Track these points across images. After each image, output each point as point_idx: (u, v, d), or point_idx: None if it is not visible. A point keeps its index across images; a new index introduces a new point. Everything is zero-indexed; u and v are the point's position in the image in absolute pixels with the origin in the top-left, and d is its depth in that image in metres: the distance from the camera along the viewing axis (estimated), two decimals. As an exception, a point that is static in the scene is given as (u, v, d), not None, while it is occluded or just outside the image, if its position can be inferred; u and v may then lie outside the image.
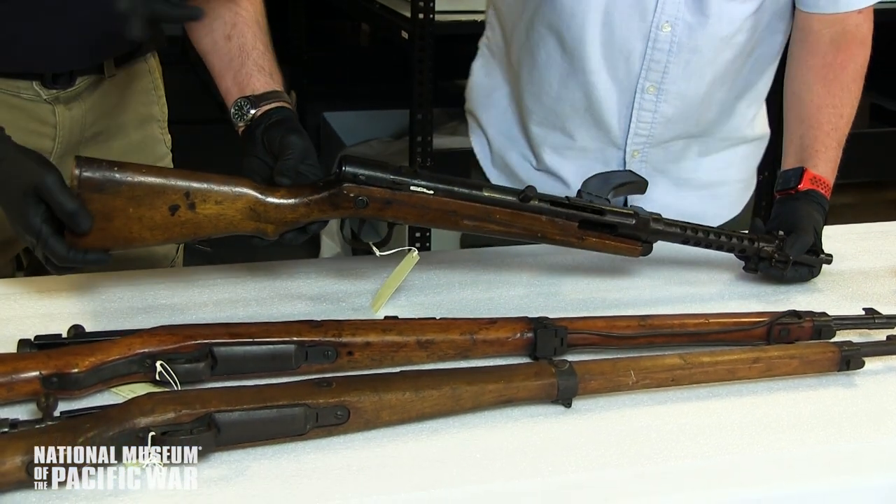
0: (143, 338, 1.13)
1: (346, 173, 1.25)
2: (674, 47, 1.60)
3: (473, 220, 1.31)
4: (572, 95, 1.68)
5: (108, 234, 1.19)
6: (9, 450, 0.93)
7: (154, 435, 0.97)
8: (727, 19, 1.58)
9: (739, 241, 1.44)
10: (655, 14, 1.57)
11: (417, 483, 1.01)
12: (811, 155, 1.56)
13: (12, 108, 1.44)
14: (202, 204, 1.21)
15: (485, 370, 1.15)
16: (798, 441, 1.12)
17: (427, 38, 3.23)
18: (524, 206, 1.32)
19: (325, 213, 1.26)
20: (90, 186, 1.16)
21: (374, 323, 1.21)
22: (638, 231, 1.38)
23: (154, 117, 1.67)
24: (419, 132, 3.34)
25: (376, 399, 1.06)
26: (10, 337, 1.19)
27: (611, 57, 1.62)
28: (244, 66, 1.38)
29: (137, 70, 1.61)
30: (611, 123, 1.67)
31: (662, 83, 1.62)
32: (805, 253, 1.47)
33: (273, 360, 1.15)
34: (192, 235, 1.23)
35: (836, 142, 1.58)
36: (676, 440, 1.11)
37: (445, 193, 1.29)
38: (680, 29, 1.58)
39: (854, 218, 1.92)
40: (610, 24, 1.59)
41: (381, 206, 1.27)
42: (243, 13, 1.42)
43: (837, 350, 1.23)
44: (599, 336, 1.25)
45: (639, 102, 1.64)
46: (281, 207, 1.24)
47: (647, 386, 1.17)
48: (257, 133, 1.32)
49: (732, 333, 1.29)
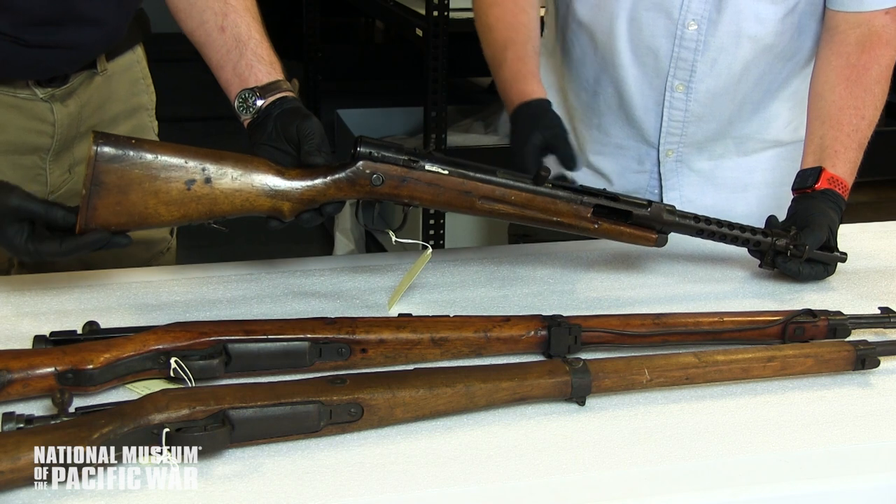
0: (158, 334, 1.13)
1: (361, 152, 1.25)
2: (700, 45, 1.60)
3: (489, 200, 1.30)
4: (605, 91, 1.70)
5: (123, 209, 1.18)
6: (24, 446, 0.93)
7: (168, 431, 0.98)
8: (755, 18, 1.59)
9: (753, 233, 1.43)
10: (681, 12, 1.58)
11: (431, 480, 1.01)
12: (830, 155, 1.55)
13: (11, 107, 1.45)
14: (219, 179, 1.21)
15: (499, 368, 1.15)
16: (813, 440, 1.12)
17: (441, 36, 3.23)
18: (539, 189, 1.32)
19: (342, 192, 1.26)
20: (108, 160, 1.17)
21: (387, 320, 1.21)
22: (652, 221, 1.37)
23: (143, 106, 1.68)
24: (433, 129, 3.35)
25: (390, 396, 1.06)
26: (25, 333, 1.20)
27: (639, 54, 1.63)
28: (243, 56, 1.38)
29: (126, 61, 1.62)
30: (643, 121, 1.68)
31: (691, 81, 1.63)
32: (819, 250, 1.46)
33: (287, 357, 1.15)
34: (208, 212, 1.22)
35: (857, 143, 1.57)
36: (690, 439, 1.10)
37: (460, 174, 1.29)
38: (706, 27, 1.59)
39: (870, 216, 1.92)
40: (637, 21, 1.60)
41: (396, 183, 1.27)
42: (233, 2, 1.42)
43: (853, 349, 1.23)
44: (613, 334, 1.25)
45: (669, 101, 1.65)
46: (297, 186, 1.24)
47: (661, 384, 1.17)
48: (268, 124, 1.32)
49: (747, 332, 1.29)
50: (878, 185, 4.20)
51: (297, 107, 1.33)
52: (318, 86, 4.87)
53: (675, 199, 1.74)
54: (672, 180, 1.75)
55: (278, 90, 1.35)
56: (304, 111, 1.32)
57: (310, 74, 4.86)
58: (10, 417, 0.97)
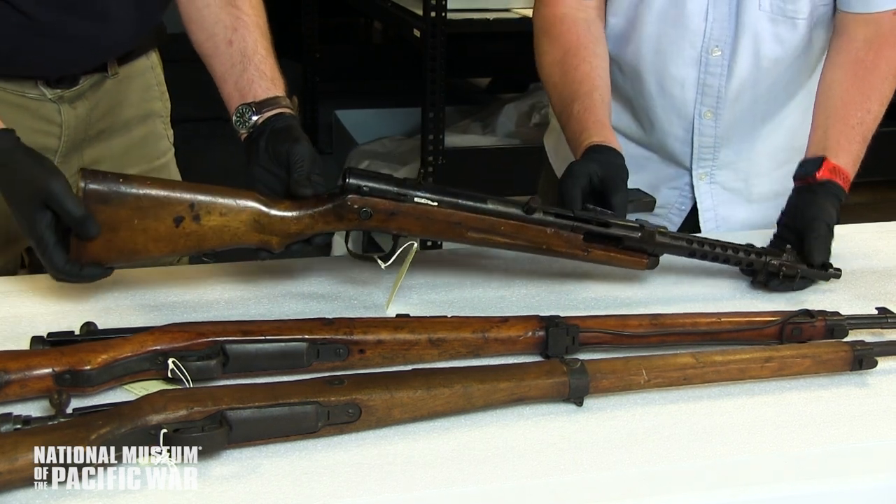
0: (156, 335, 1.13)
1: (350, 185, 1.25)
2: (725, 70, 1.61)
3: (478, 231, 1.31)
4: (637, 119, 1.70)
5: (113, 246, 1.19)
6: (22, 446, 0.93)
7: (166, 432, 0.98)
8: (776, 40, 1.59)
9: (747, 254, 1.43)
10: (704, 40, 1.59)
11: (429, 481, 1.01)
12: (832, 145, 1.54)
13: (18, 107, 1.45)
14: (207, 216, 1.21)
15: (496, 368, 1.15)
16: (810, 440, 1.12)
17: (439, 36, 3.24)
18: (529, 217, 1.32)
19: (330, 225, 1.27)
20: (96, 198, 1.17)
21: (385, 321, 1.21)
22: (644, 244, 1.38)
23: (157, 113, 1.68)
24: (431, 130, 3.35)
25: (388, 397, 1.06)
26: (22, 334, 1.20)
27: (666, 84, 1.65)
28: (246, 71, 1.39)
29: (140, 67, 1.62)
30: (674, 149, 1.69)
31: (718, 108, 1.64)
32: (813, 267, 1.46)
33: (285, 358, 1.15)
34: (197, 247, 1.24)
35: (861, 136, 1.56)
36: (688, 439, 1.10)
37: (450, 205, 1.29)
38: (730, 52, 1.60)
39: (867, 217, 1.92)
40: (662, 52, 1.62)
41: (385, 217, 1.27)
42: (244, 17, 1.42)
43: (850, 349, 1.23)
44: (611, 335, 1.25)
45: (698, 128, 1.66)
46: (286, 219, 1.25)
47: (658, 385, 1.17)
48: (261, 142, 1.32)
49: (745, 332, 1.29)
50: (876, 186, 4.20)
51: (289, 126, 1.33)
52: (316, 86, 4.88)
53: (710, 219, 1.75)
54: (707, 202, 1.75)
55: (275, 106, 1.35)
56: (296, 133, 1.32)
57: (308, 75, 4.86)
58: (8, 418, 0.96)
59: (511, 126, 4.05)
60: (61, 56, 1.42)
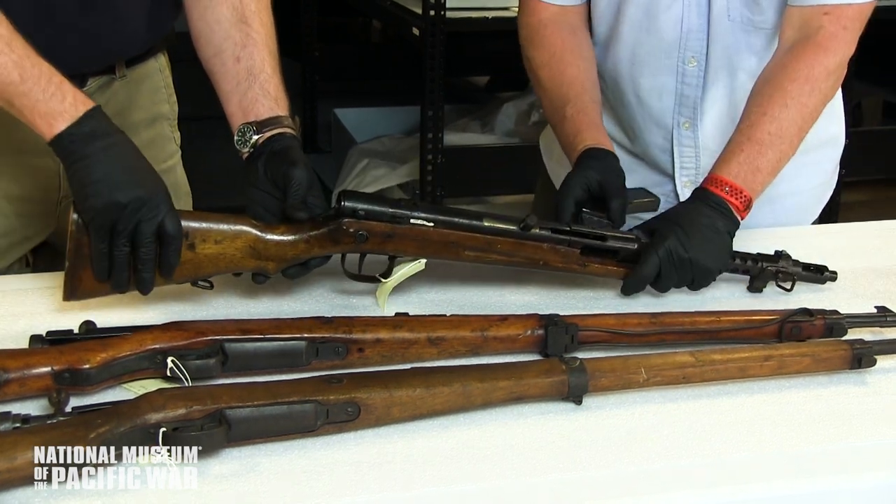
0: (155, 334, 1.13)
1: (345, 208, 1.25)
2: (700, 81, 1.60)
3: (475, 250, 1.31)
4: (619, 129, 1.70)
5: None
6: (21, 445, 0.93)
7: (165, 431, 0.98)
8: (749, 51, 1.58)
9: (743, 261, 1.43)
10: (680, 50, 1.58)
11: (428, 479, 1.01)
12: (724, 156, 1.48)
13: None
14: (202, 244, 1.22)
15: (495, 367, 1.15)
16: (809, 439, 1.12)
17: (438, 35, 3.24)
18: (525, 234, 1.32)
19: (326, 249, 1.27)
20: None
21: (384, 320, 1.21)
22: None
23: (164, 115, 1.68)
24: (430, 129, 3.35)
25: (387, 396, 1.06)
26: (21, 332, 1.20)
27: (643, 95, 1.64)
28: (250, 89, 1.38)
29: (147, 69, 1.62)
30: (656, 157, 1.69)
31: (695, 118, 1.63)
32: (809, 271, 1.45)
33: (284, 357, 1.15)
34: (193, 275, 1.24)
35: (767, 144, 1.47)
36: (687, 438, 1.10)
37: (446, 225, 1.29)
38: (704, 63, 1.59)
39: (866, 215, 1.92)
40: (639, 63, 1.61)
41: (381, 240, 1.27)
42: (254, 35, 1.41)
43: (849, 348, 1.23)
44: (610, 333, 1.25)
45: (677, 138, 1.65)
46: (281, 244, 1.25)
47: (657, 383, 1.17)
48: (259, 163, 1.32)
49: (744, 331, 1.29)
50: (875, 185, 4.19)
51: (288, 147, 1.32)
52: (315, 85, 4.87)
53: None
54: None
55: (276, 126, 1.35)
56: (294, 155, 1.31)
57: (307, 73, 4.85)
58: (7, 417, 0.96)
59: (510, 124, 4.05)
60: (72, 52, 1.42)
